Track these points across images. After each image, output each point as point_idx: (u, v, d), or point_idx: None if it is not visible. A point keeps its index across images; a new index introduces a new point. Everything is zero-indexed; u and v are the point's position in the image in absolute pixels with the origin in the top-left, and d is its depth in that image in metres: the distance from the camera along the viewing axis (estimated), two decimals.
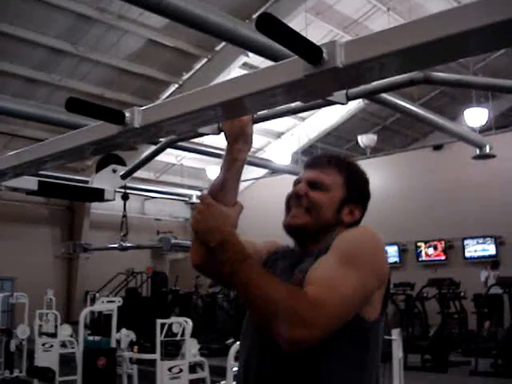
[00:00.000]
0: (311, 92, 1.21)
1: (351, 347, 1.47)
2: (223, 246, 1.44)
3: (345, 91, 1.29)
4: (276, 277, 1.42)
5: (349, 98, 1.47)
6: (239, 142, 1.66)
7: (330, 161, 1.68)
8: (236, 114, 1.49)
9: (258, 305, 1.36)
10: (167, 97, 12.93)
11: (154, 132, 1.50)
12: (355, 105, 15.35)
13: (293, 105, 1.68)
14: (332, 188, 1.63)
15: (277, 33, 1.03)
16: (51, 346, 9.33)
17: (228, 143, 1.68)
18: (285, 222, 1.65)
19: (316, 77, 1.10)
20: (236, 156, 1.67)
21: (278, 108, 1.48)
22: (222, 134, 1.70)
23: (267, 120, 1.69)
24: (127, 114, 1.41)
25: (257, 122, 1.70)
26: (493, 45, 1.06)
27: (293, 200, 1.65)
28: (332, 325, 1.36)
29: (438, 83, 5.99)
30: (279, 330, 1.32)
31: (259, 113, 1.71)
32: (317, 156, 1.76)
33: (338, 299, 1.36)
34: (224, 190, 1.64)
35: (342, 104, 1.34)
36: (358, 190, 1.68)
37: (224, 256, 1.43)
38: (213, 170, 16.05)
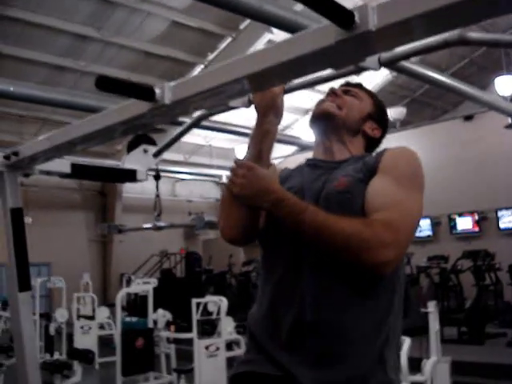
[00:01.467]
0: (343, 58, 1.18)
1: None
2: (280, 203, 1.47)
3: (377, 56, 1.26)
4: (340, 216, 1.45)
5: (381, 64, 1.44)
6: (270, 114, 1.65)
7: (361, 86, 1.84)
8: (266, 86, 1.46)
9: (339, 243, 1.40)
10: None
11: (185, 107, 1.48)
12: (383, 78, 15.16)
13: (324, 74, 1.69)
14: (363, 100, 1.79)
15: None
16: (89, 328, 9.52)
17: (258, 116, 1.66)
18: (315, 109, 1.79)
19: (348, 42, 1.08)
20: (268, 128, 1.66)
21: (309, 77, 1.46)
22: (253, 106, 1.69)
23: (298, 90, 1.69)
24: (157, 91, 1.40)
25: (288, 93, 1.68)
26: None
27: (328, 97, 1.79)
28: (410, 238, 1.46)
29: (474, 44, 5.81)
30: (367, 258, 1.38)
31: (290, 83, 1.68)
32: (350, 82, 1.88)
33: (409, 219, 1.45)
34: (261, 160, 1.63)
35: (375, 70, 1.32)
36: (381, 114, 1.82)
37: (284, 212, 1.47)
38: (241, 149, 16.05)
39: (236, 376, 1.66)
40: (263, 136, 1.66)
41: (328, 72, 1.54)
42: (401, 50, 3.24)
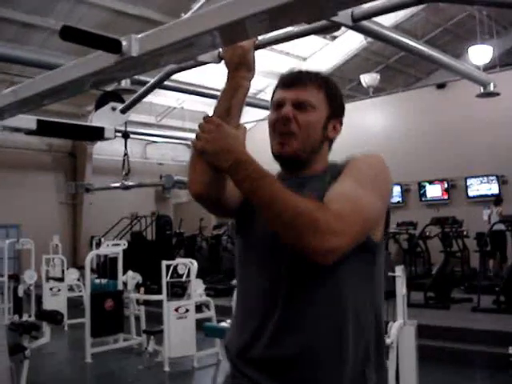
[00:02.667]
0: (315, 11, 1.16)
1: (361, 264, 1.49)
2: (240, 165, 1.41)
3: (350, 11, 1.24)
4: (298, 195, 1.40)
5: (354, 20, 1.41)
6: (241, 68, 1.61)
7: (309, 77, 1.60)
8: (236, 39, 1.43)
9: (287, 217, 1.35)
10: None
11: (153, 61, 1.46)
12: (357, 44, 15.10)
13: (295, 29, 1.60)
14: (317, 106, 1.57)
15: None
16: (59, 290, 9.49)
17: (229, 71, 1.63)
18: (275, 150, 1.60)
19: None
20: (239, 82, 1.62)
21: (279, 33, 1.43)
22: (223, 62, 1.65)
23: (269, 45, 1.62)
24: (124, 43, 1.37)
25: (258, 49, 1.65)
26: None
27: (279, 125, 1.58)
28: (359, 234, 1.40)
29: (448, 0, 5.73)
30: (311, 240, 1.33)
31: (260, 39, 1.65)
32: (292, 73, 1.63)
33: (360, 211, 1.39)
34: (230, 115, 1.59)
35: (348, 26, 1.29)
36: (338, 104, 1.64)
37: (241, 175, 1.41)
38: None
39: None
40: (234, 90, 1.62)
41: (299, 28, 1.49)
42: (374, 4, 3.19)
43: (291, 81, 1.61)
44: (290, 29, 1.36)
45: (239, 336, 1.58)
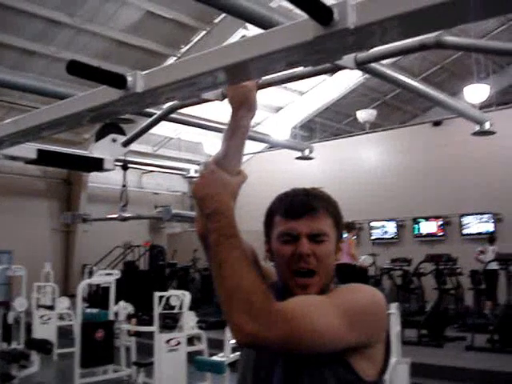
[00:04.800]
0: (320, 55, 1.17)
1: None
2: (215, 216, 1.38)
3: (354, 55, 1.25)
4: (256, 272, 1.35)
5: (357, 63, 1.43)
6: (243, 108, 1.61)
7: (319, 203, 1.52)
8: (240, 79, 1.44)
9: (228, 286, 1.31)
10: None
11: (156, 97, 1.46)
12: (355, 79, 15.26)
13: (299, 70, 1.62)
14: (330, 234, 1.51)
15: None
16: (49, 318, 9.40)
17: (232, 110, 1.63)
18: (298, 293, 1.46)
19: (326, 38, 1.07)
20: (240, 123, 1.62)
21: (283, 73, 1.44)
22: (226, 100, 1.66)
23: (272, 86, 1.63)
24: (129, 78, 1.38)
25: (261, 88, 1.66)
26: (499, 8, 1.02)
27: (296, 262, 1.48)
28: (289, 342, 1.30)
29: (450, 48, 5.79)
30: (236, 316, 1.28)
31: (264, 79, 1.66)
32: (299, 201, 1.53)
33: (306, 323, 1.30)
34: (227, 158, 1.58)
35: (351, 69, 1.31)
36: (341, 224, 1.58)
37: (213, 226, 1.38)
38: (210, 143, 15.98)
39: None
40: (233, 131, 1.62)
41: (303, 69, 1.50)
42: (377, 50, 3.23)
43: (300, 209, 1.51)
44: (292, 70, 1.37)
45: None
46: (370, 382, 1.42)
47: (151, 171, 17.96)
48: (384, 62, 7.97)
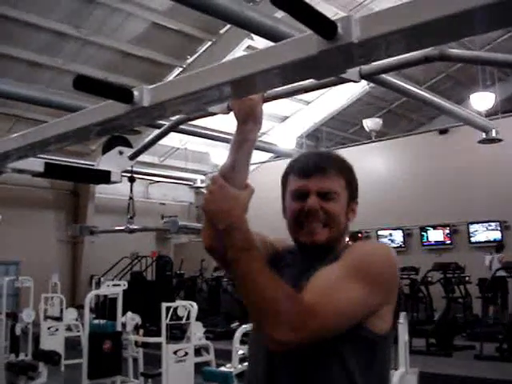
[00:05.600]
0: (325, 69, 1.18)
1: (353, 357, 1.45)
2: (231, 231, 1.41)
3: (358, 68, 1.26)
4: (276, 276, 1.38)
5: (362, 76, 1.44)
6: (249, 121, 1.62)
7: (329, 163, 1.60)
8: (246, 93, 1.45)
9: (252, 299, 1.36)
10: None
11: (163, 111, 1.47)
12: (360, 88, 15.27)
13: (303, 83, 1.64)
14: (340, 193, 1.58)
15: (292, 6, 1.00)
16: (56, 329, 9.38)
17: (238, 123, 1.64)
18: (305, 240, 1.57)
19: (330, 52, 1.08)
20: (246, 136, 1.63)
21: (289, 86, 1.45)
22: (232, 113, 1.67)
23: (278, 99, 1.65)
24: (136, 93, 1.39)
25: (267, 102, 1.67)
26: (502, 22, 1.03)
27: (308, 216, 1.55)
28: (321, 334, 1.35)
29: (454, 60, 5.84)
30: (267, 327, 1.33)
31: (269, 92, 1.67)
32: (312, 161, 1.61)
33: (331, 310, 1.35)
34: (234, 171, 1.59)
35: (355, 82, 1.31)
36: (355, 187, 1.65)
37: (230, 241, 1.41)
38: (217, 153, 16.02)
39: None
40: (240, 144, 1.63)
41: (309, 81, 1.51)
42: (382, 63, 3.26)
43: (312, 169, 1.59)
44: (297, 83, 1.38)
45: None
46: (381, 335, 1.47)
47: (158, 181, 18.01)
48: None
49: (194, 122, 11.51)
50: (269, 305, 1.32)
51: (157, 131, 7.09)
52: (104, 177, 2.62)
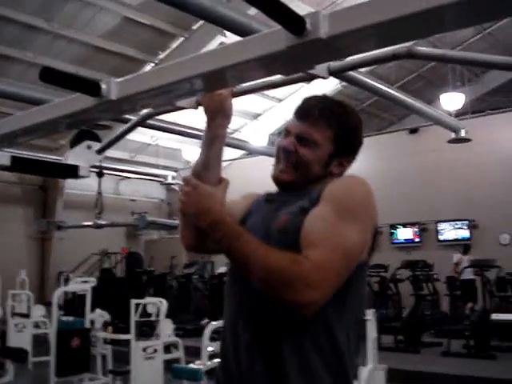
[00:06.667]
0: (293, 64, 1.18)
1: None
2: (216, 226, 1.44)
3: (327, 64, 1.27)
4: (274, 248, 1.40)
5: (331, 73, 1.45)
6: (218, 116, 1.63)
7: (321, 113, 1.62)
8: (215, 87, 1.45)
9: (263, 276, 1.37)
10: None
11: (131, 104, 1.46)
12: (333, 86, 15.34)
13: (273, 79, 1.64)
14: (321, 144, 1.60)
15: (261, 1, 1.00)
16: (24, 326, 9.26)
17: (207, 118, 1.64)
18: (273, 174, 1.65)
19: (298, 48, 1.08)
20: (216, 132, 1.64)
21: (257, 82, 1.45)
22: (200, 108, 1.67)
23: (247, 94, 1.65)
24: (103, 86, 1.37)
25: (236, 96, 1.67)
26: (470, 20, 1.04)
27: (282, 153, 1.63)
28: (339, 281, 1.40)
29: (421, 58, 5.89)
30: (289, 296, 1.34)
31: (238, 87, 1.67)
32: (308, 104, 1.66)
33: (340, 258, 1.38)
34: (208, 169, 1.61)
35: (324, 78, 1.32)
36: (347, 143, 1.66)
37: (218, 235, 1.44)
38: (188, 150, 15.96)
39: None
40: (211, 141, 1.64)
41: (278, 77, 1.51)
42: (350, 59, 3.28)
43: (303, 113, 1.64)
44: (266, 79, 1.38)
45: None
46: (362, 261, 1.51)
47: (128, 177, 17.87)
48: (361, 69, 8.05)
49: (165, 118, 11.45)
50: (281, 274, 1.34)
51: (125, 125, 7.03)
52: (72, 171, 2.59)
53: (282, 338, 1.45)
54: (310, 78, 1.64)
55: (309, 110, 1.64)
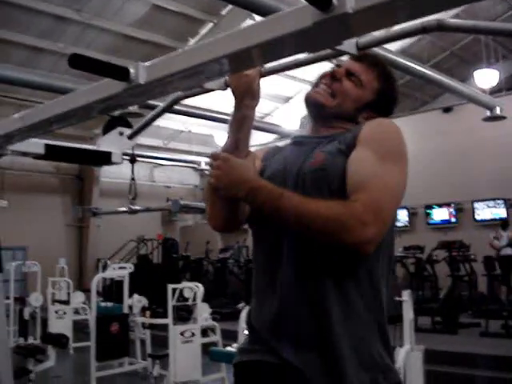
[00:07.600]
0: (320, 41, 1.17)
1: None
2: (255, 193, 1.46)
3: (355, 40, 1.25)
4: (318, 198, 1.45)
5: (359, 48, 1.43)
6: (247, 97, 1.62)
7: (375, 63, 1.71)
8: (242, 67, 1.45)
9: (317, 227, 1.40)
10: None
11: (160, 88, 1.47)
12: None
13: (300, 57, 1.64)
14: (365, 87, 1.67)
15: None
16: (64, 313, 9.46)
17: (235, 99, 1.64)
18: (307, 93, 1.73)
19: (325, 24, 1.07)
20: (245, 113, 1.63)
21: (285, 61, 1.45)
22: (229, 91, 1.67)
23: (274, 74, 1.65)
24: (132, 70, 1.38)
25: (263, 77, 1.67)
26: None
27: (326, 78, 1.70)
28: (390, 218, 1.46)
29: (451, 30, 5.74)
30: (347, 238, 1.38)
31: (266, 67, 1.67)
32: (367, 52, 1.77)
33: (388, 197, 1.44)
34: (237, 150, 1.61)
35: (353, 54, 1.30)
36: (385, 102, 1.72)
37: (259, 200, 1.46)
38: (220, 135, 15.99)
39: (239, 364, 1.65)
40: (240, 123, 1.64)
41: (304, 56, 1.50)
42: (379, 34, 3.22)
43: (360, 55, 1.69)
44: (295, 57, 1.37)
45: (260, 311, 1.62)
46: None
47: (162, 165, 18.00)
48: (393, 49, 7.94)
49: (196, 104, 11.49)
50: (337, 221, 1.37)
51: (154, 111, 7.06)
52: (105, 158, 2.61)
53: (325, 275, 1.49)
54: (338, 55, 1.64)
55: (366, 55, 1.73)
